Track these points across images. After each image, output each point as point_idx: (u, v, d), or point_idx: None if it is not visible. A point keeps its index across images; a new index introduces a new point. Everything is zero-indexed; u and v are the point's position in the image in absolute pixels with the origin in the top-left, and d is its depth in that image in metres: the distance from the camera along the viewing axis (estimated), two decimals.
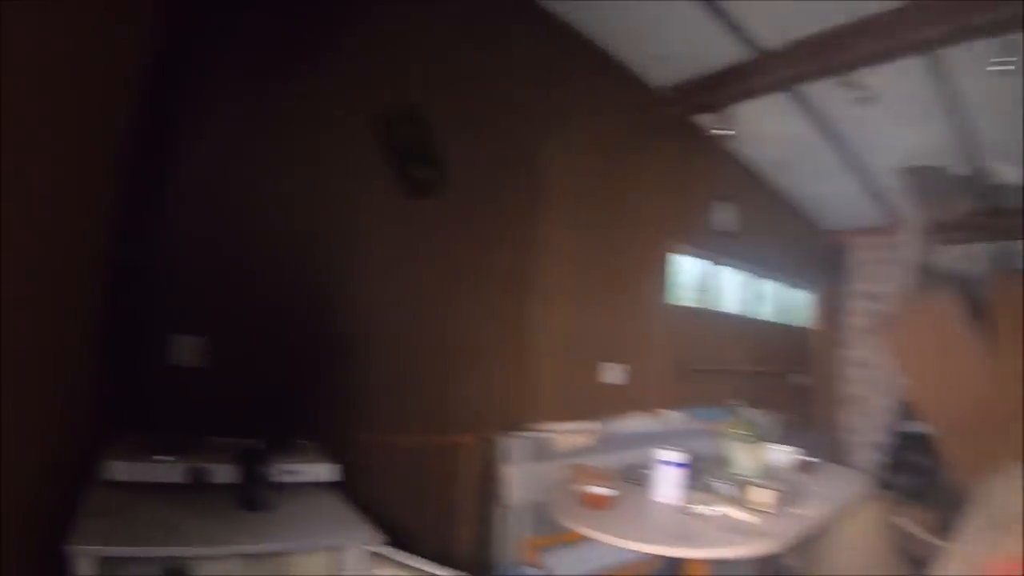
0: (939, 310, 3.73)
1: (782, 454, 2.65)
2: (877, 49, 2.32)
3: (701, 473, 2.10)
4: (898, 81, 2.60)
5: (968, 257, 4.09)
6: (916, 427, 3.94)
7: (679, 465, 1.86)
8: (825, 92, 2.72)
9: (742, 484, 1.91)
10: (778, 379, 4.21)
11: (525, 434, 2.29)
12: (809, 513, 1.88)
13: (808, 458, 2.61)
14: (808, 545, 2.68)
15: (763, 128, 3.26)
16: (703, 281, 3.54)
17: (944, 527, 2.88)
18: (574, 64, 2.59)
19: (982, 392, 3.45)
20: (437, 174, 2.04)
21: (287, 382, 1.76)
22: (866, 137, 3.27)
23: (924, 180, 3.54)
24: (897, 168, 3.55)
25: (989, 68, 2.16)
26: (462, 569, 1.35)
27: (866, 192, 3.90)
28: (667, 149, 3.07)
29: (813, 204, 4.35)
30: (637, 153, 2.91)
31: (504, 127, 2.30)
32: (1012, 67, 2.12)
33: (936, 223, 3.82)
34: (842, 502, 2.26)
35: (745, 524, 1.69)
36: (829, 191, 4.03)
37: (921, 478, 3.91)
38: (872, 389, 4.28)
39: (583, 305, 2.62)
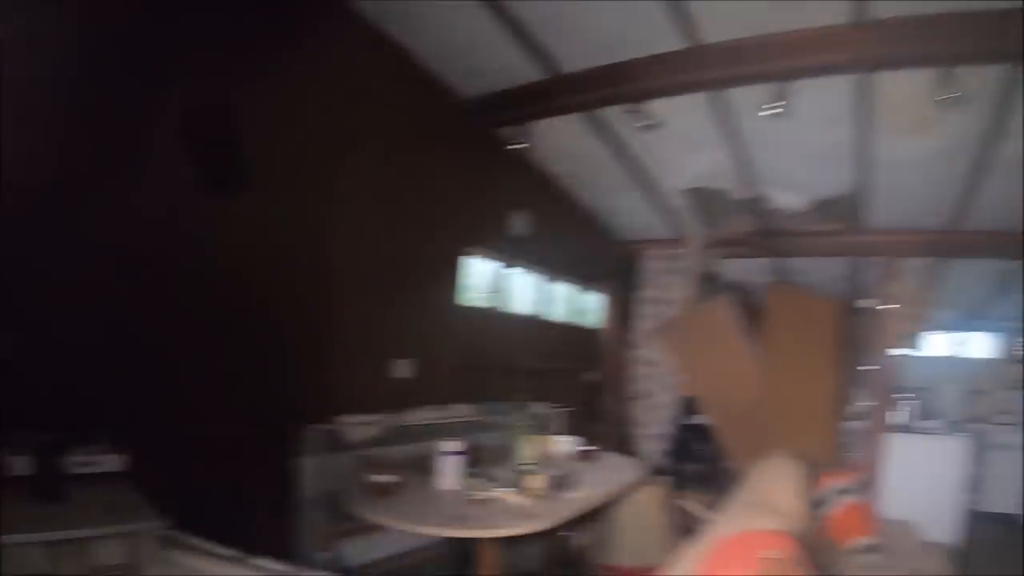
0: (717, 316, 5.05)
1: (563, 444, 3.48)
2: (666, 83, 3.22)
3: (484, 462, 2.77)
4: (684, 112, 3.53)
5: (749, 270, 5.60)
6: (699, 419, 5.30)
7: (458, 454, 2.52)
8: (616, 116, 3.53)
9: (519, 472, 2.56)
10: (570, 376, 5.24)
11: (320, 426, 2.70)
12: (580, 496, 2.59)
13: (587, 447, 3.46)
14: (596, 525, 3.63)
15: (561, 144, 4.14)
16: (496, 283, 4.25)
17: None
18: (385, 71, 3.09)
19: (753, 389, 4.81)
20: (240, 171, 2.34)
21: (85, 374, 1.98)
22: (654, 159, 4.28)
23: (706, 200, 4.74)
24: (682, 188, 4.69)
25: (761, 113, 3.13)
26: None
27: (655, 207, 5.03)
28: (469, 158, 3.72)
29: (607, 215, 5.44)
30: (439, 160, 3.48)
31: (310, 128, 2.69)
32: (780, 110, 3.10)
33: (718, 239, 5.13)
34: (616, 486, 3.01)
35: (517, 507, 2.33)
36: (621, 204, 5.11)
37: (703, 464, 5.30)
38: (657, 385, 5.55)
39: (378, 302, 3.13)
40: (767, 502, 2.32)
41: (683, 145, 4.01)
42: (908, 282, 4.83)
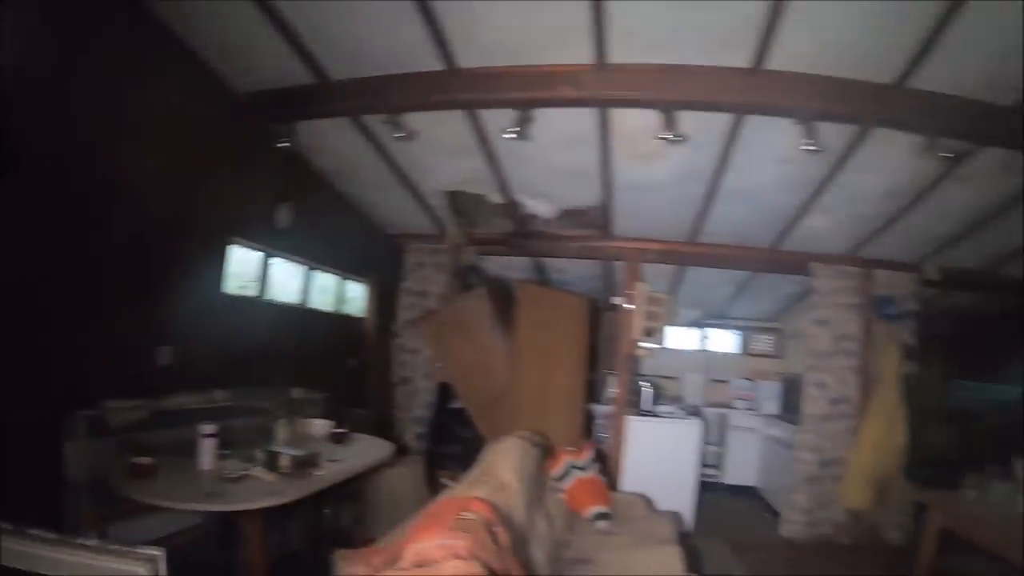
0: (472, 308, 7.07)
1: (318, 427, 4.67)
2: (421, 100, 4.49)
3: (242, 444, 3.74)
4: (442, 123, 4.84)
5: (510, 267, 7.90)
6: (457, 404, 7.35)
7: (213, 436, 3.44)
8: (377, 122, 4.82)
9: (271, 452, 3.51)
10: (332, 363, 6.59)
11: (85, 412, 3.39)
12: (325, 473, 3.57)
13: (339, 430, 4.61)
14: (356, 503, 5.21)
15: (328, 142, 5.65)
16: (263, 273, 5.42)
17: None
18: (163, 64, 3.94)
19: (503, 377, 6.87)
20: (7, 156, 2.82)
21: None
22: (415, 163, 6.00)
23: (465, 202, 6.73)
24: (441, 190, 6.59)
25: (504, 135, 4.40)
26: None
27: (418, 205, 6.92)
28: (238, 151, 4.79)
29: (372, 210, 7.28)
30: (208, 152, 4.42)
31: (86, 115, 3.41)
32: (515, 135, 4.31)
33: (477, 237, 7.17)
34: (362, 464, 4.06)
35: (267, 484, 3.26)
36: (386, 201, 6.94)
37: (460, 445, 7.34)
38: (417, 372, 7.59)
39: (142, 290, 3.91)
40: (489, 475, 3.40)
41: (442, 153, 5.46)
42: (651, 284, 7.34)
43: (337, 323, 6.90)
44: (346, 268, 6.89)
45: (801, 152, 4.32)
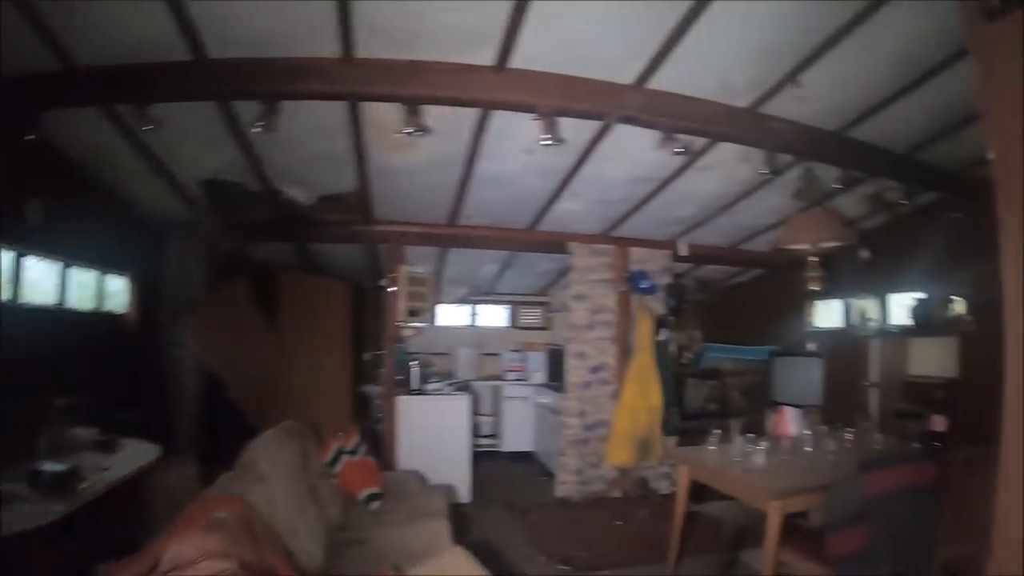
0: (234, 297, 7.15)
1: (83, 435, 4.50)
2: (170, 89, 4.32)
3: (4, 463, 3.69)
4: (196, 113, 5.08)
5: (274, 252, 7.87)
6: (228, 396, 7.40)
7: None
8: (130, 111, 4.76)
9: (33, 471, 3.41)
10: (102, 362, 6.71)
11: None
12: (93, 486, 3.55)
13: (105, 437, 4.52)
14: (135, 508, 4.97)
15: (79, 130, 5.37)
16: (14, 275, 5.16)
17: None
18: None
19: (269, 365, 7.02)
20: None
21: None
22: (170, 152, 5.92)
23: (223, 191, 6.79)
24: (199, 179, 6.62)
25: (253, 129, 4.89)
26: None
27: (176, 194, 6.84)
28: None
29: (131, 200, 7.08)
30: None
31: None
32: (260, 129, 4.74)
33: (239, 224, 7.23)
34: (131, 469, 4.10)
35: (32, 505, 3.23)
36: (143, 191, 6.78)
37: (236, 438, 7.25)
38: (185, 366, 7.47)
39: None
40: (246, 470, 3.51)
41: (198, 142, 5.68)
42: (416, 266, 7.70)
43: (99, 321, 6.67)
44: (106, 262, 6.66)
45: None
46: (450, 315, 10.37)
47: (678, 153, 5.10)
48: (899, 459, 4.37)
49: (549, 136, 4.70)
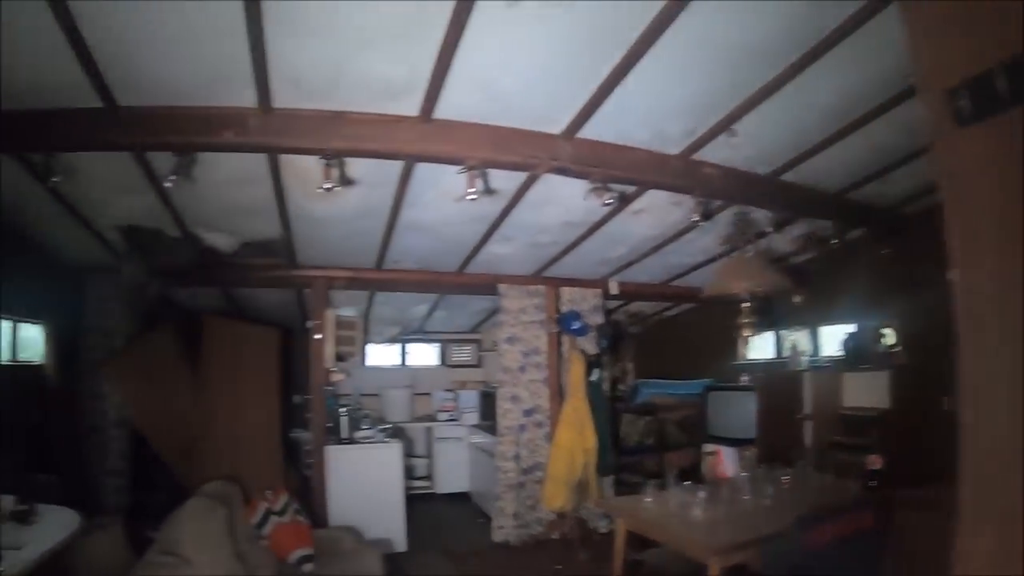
0: (157, 346, 6.88)
1: None
2: (81, 140, 4.40)
3: None
4: (111, 160, 4.81)
5: (198, 297, 7.68)
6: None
7: None
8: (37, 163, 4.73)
9: None
10: (11, 421, 6.19)
11: None
12: (8, 569, 3.11)
13: (22, 506, 3.98)
14: None
15: None
16: None
17: None
18: None
19: (193, 418, 6.74)
20: None
21: None
22: (85, 198, 5.63)
23: (141, 237, 6.54)
24: (114, 226, 6.36)
25: (165, 184, 4.76)
26: None
27: (95, 239, 6.55)
28: None
29: (45, 245, 6.77)
30: None
31: None
32: (171, 185, 4.77)
33: (159, 270, 6.97)
34: (50, 545, 3.61)
35: None
36: (60, 235, 6.44)
37: (164, 493, 7.05)
38: (107, 420, 7.13)
39: None
40: (169, 553, 3.54)
41: (111, 190, 5.50)
42: (343, 308, 7.52)
43: (11, 375, 6.22)
44: (19, 311, 6.31)
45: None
46: (380, 355, 10.27)
47: (608, 204, 5.07)
48: (837, 511, 4.28)
49: (475, 191, 4.64)
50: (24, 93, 4.03)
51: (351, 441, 7.06)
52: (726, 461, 6.05)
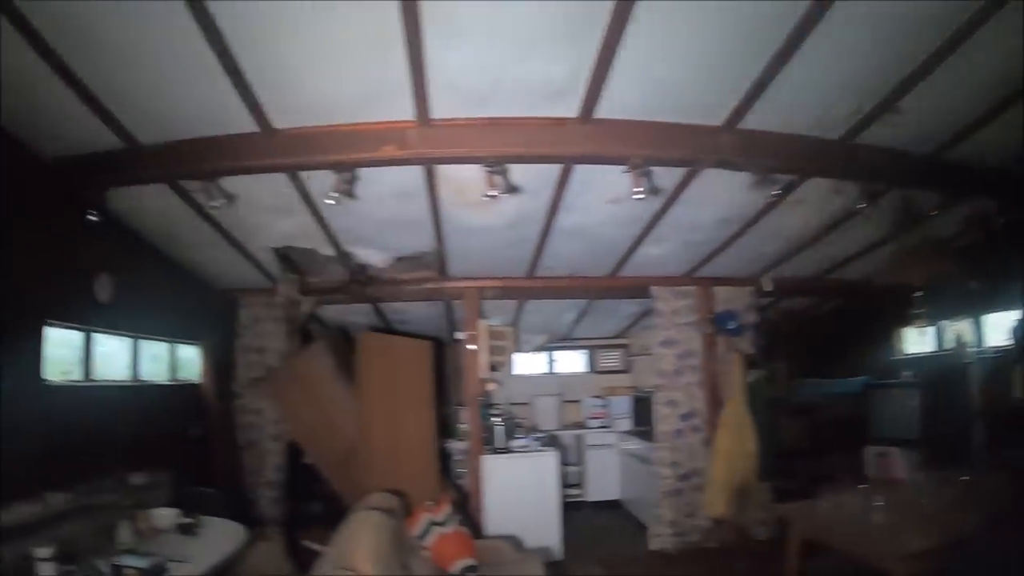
0: (312, 363, 6.91)
1: (165, 518, 4.38)
2: (238, 164, 4.39)
3: (84, 554, 3.55)
4: (266, 184, 5.00)
5: (348, 313, 7.77)
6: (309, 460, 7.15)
7: (49, 560, 3.29)
8: (194, 185, 4.68)
9: (116, 567, 3.34)
10: (173, 436, 6.55)
11: None
12: None
13: (187, 520, 4.35)
14: None
15: (145, 206, 5.38)
16: (84, 353, 5.13)
17: None
18: None
19: (350, 431, 6.74)
20: None
21: None
22: (240, 222, 5.81)
23: (296, 256, 6.56)
24: (270, 246, 6.40)
25: (327, 201, 4.73)
26: None
27: (247, 261, 6.67)
28: (48, 222, 4.52)
29: (200, 269, 7.00)
30: (11, 225, 4.15)
31: None
32: (335, 202, 4.54)
33: (313, 288, 7.01)
34: (220, 557, 3.84)
35: None
36: (212, 258, 6.65)
37: (321, 502, 7.14)
38: (263, 434, 7.32)
39: None
40: (344, 567, 3.44)
41: (265, 212, 5.58)
42: (493, 318, 7.39)
43: (173, 393, 6.62)
44: (177, 333, 6.66)
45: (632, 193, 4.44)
46: (528, 363, 10.11)
47: (775, 195, 4.98)
48: None
49: (641, 189, 4.46)
50: (184, 122, 4.19)
51: (506, 450, 6.98)
52: (896, 462, 5.60)
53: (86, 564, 3.51)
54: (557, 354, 10.44)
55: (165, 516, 4.48)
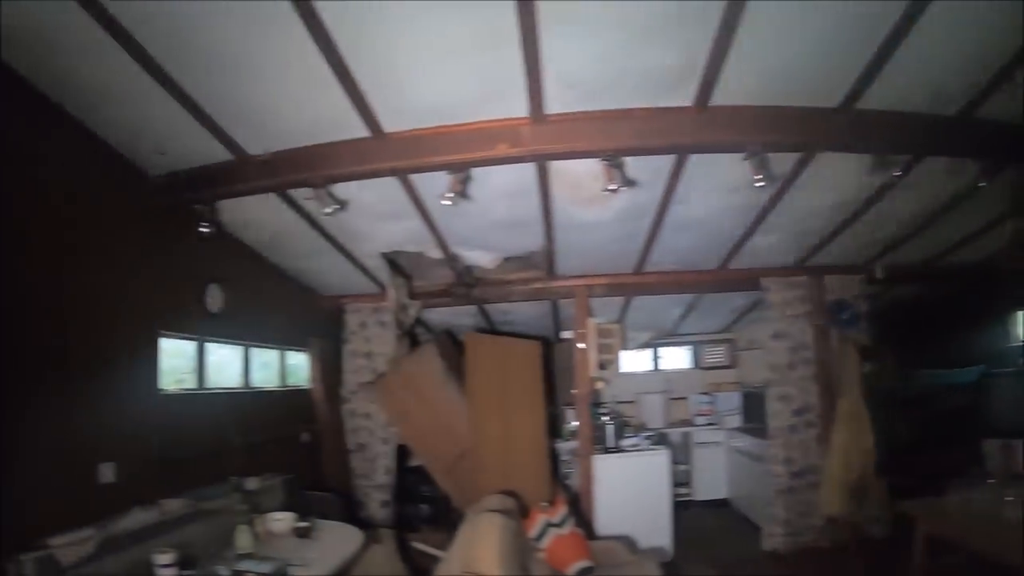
0: (422, 366, 6.93)
1: (281, 522, 4.41)
2: (349, 170, 4.38)
3: (203, 559, 3.63)
4: (375, 188, 4.76)
5: (454, 315, 7.82)
6: (417, 462, 7.18)
7: (169, 566, 3.35)
8: (303, 192, 4.74)
9: (236, 573, 3.36)
10: (285, 441, 6.40)
11: (26, 556, 3.10)
12: None
13: (304, 523, 4.37)
14: None
15: (253, 216, 5.48)
16: (197, 362, 5.22)
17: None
18: (60, 147, 3.83)
19: (460, 433, 6.73)
20: None
21: None
22: (349, 229, 5.87)
23: (402, 261, 6.59)
24: (379, 252, 6.44)
25: (442, 202, 4.37)
26: None
27: (355, 267, 6.76)
28: (158, 236, 4.65)
29: (307, 277, 7.15)
30: (125, 239, 4.31)
31: None
32: (451, 202, 4.43)
33: (420, 291, 7.03)
34: (338, 560, 3.85)
35: None
36: (320, 265, 6.77)
37: (429, 504, 7.17)
38: (373, 437, 7.40)
39: (66, 408, 3.69)
40: (472, 569, 3.41)
41: (374, 217, 5.61)
42: (600, 316, 7.31)
43: (283, 399, 6.73)
44: (285, 340, 6.79)
45: (747, 181, 4.40)
46: (633, 361, 9.92)
47: (897, 175, 4.84)
48: None
49: (761, 176, 4.34)
50: (294, 131, 4.27)
51: (617, 449, 6.95)
52: (1020, 455, 5.35)
53: (205, 569, 3.57)
54: (662, 351, 10.20)
55: (281, 520, 4.52)
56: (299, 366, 7.26)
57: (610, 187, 4.19)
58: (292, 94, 3.77)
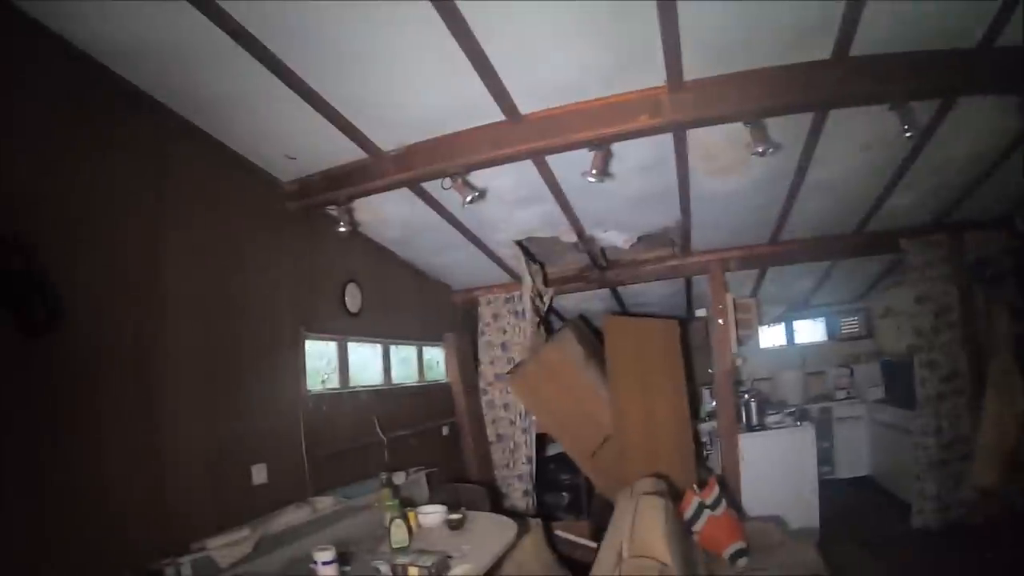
0: (559, 353, 6.96)
1: (432, 515, 4.39)
2: (485, 156, 4.29)
3: (359, 555, 3.62)
4: (504, 177, 4.75)
5: (585, 300, 7.90)
6: (558, 449, 7.23)
7: (330, 563, 3.31)
8: (435, 186, 4.77)
9: (397, 566, 3.28)
10: (427, 435, 6.46)
11: (184, 558, 3.18)
12: (462, 574, 3.31)
13: (454, 515, 4.29)
14: None
15: (385, 214, 5.33)
16: (339, 361, 5.36)
17: (596, 532, 5.75)
18: (191, 160, 3.87)
19: (603, 418, 6.72)
20: (51, 308, 2.71)
21: None
22: (478, 219, 5.95)
23: (537, 247, 6.64)
24: (512, 239, 6.53)
25: (587, 178, 4.19)
26: None
27: (488, 256, 6.88)
28: (294, 239, 4.79)
29: (440, 271, 7.31)
30: (263, 245, 4.44)
31: (119, 239, 3.29)
32: (594, 179, 4.19)
33: (554, 277, 7.11)
34: (493, 551, 3.74)
35: None
36: (454, 259, 6.91)
37: (571, 492, 7.18)
38: (513, 427, 7.49)
39: (218, 412, 3.82)
40: (646, 555, 3.30)
41: (507, 204, 5.42)
42: (735, 291, 7.22)
43: (423, 394, 6.86)
44: (422, 335, 6.94)
45: (885, 135, 4.39)
46: (767, 336, 9.83)
47: None
48: None
49: (908, 127, 4.20)
50: (427, 121, 4.27)
51: (761, 427, 6.87)
52: None
53: (363, 564, 3.60)
54: (796, 324, 10.01)
55: (433, 513, 4.52)
56: (436, 360, 7.42)
57: (757, 150, 4.04)
58: (424, 85, 3.77)
